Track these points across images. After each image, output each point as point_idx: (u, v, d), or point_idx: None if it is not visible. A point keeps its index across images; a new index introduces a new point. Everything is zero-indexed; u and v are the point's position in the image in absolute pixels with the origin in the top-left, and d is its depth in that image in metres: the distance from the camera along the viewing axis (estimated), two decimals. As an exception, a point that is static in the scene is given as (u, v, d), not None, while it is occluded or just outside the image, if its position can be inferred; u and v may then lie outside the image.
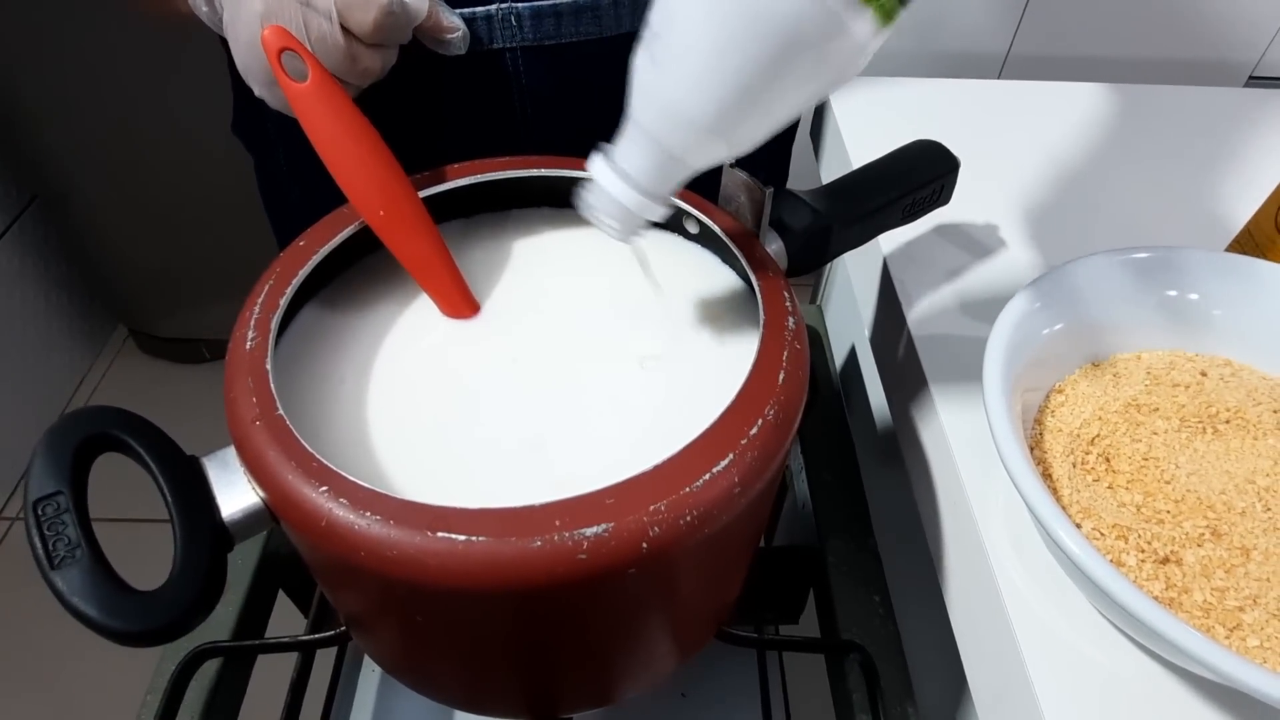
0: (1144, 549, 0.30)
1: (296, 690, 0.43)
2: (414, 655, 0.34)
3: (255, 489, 0.27)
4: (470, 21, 0.42)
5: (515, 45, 0.43)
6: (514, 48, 0.43)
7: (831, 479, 0.50)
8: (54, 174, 1.24)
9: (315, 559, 0.29)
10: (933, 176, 0.41)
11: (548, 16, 0.43)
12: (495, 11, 0.42)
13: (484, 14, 0.42)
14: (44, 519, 0.25)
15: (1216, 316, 0.35)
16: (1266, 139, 0.56)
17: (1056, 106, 0.58)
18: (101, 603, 0.24)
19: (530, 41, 0.43)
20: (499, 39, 0.43)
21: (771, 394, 0.28)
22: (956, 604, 0.37)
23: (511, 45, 0.43)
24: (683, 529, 0.25)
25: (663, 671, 0.36)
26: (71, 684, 1.09)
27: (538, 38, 0.43)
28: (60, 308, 1.43)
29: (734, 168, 0.35)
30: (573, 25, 0.43)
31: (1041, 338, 0.35)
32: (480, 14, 0.42)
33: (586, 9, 0.43)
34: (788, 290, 0.32)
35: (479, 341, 0.34)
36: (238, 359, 0.29)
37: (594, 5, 0.43)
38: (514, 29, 0.43)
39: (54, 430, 0.26)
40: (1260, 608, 0.28)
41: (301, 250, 0.33)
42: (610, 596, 0.27)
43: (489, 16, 0.42)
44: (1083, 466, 0.33)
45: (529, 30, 0.43)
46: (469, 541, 0.24)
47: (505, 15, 0.42)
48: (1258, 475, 0.31)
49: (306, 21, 0.34)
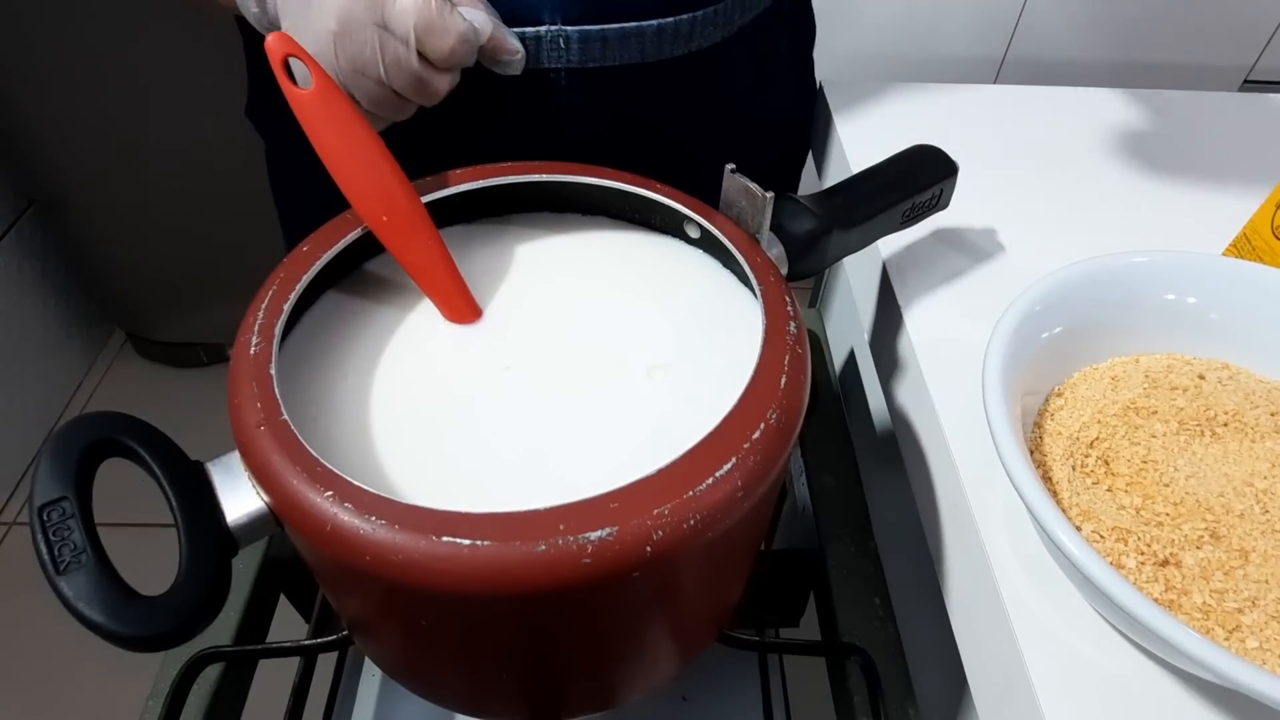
0: (1143, 551, 0.30)
1: (299, 695, 0.43)
2: (417, 659, 0.34)
3: (260, 494, 0.27)
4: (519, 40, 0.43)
5: (561, 66, 0.44)
6: (559, 68, 0.44)
7: (832, 482, 0.51)
8: (51, 179, 1.24)
9: (320, 564, 0.29)
10: (932, 181, 0.41)
11: (595, 41, 0.44)
12: (545, 33, 0.43)
13: (533, 34, 0.43)
14: (49, 524, 0.25)
15: (1214, 320, 0.36)
16: (1262, 142, 0.57)
17: (1054, 111, 0.59)
18: (107, 608, 0.24)
19: (576, 64, 0.44)
20: (546, 59, 0.44)
21: (774, 398, 0.28)
22: (957, 606, 0.37)
23: (558, 66, 0.44)
24: (686, 532, 0.25)
25: (665, 675, 0.36)
26: (73, 690, 1.09)
27: (584, 60, 0.44)
28: (58, 312, 1.42)
29: (736, 173, 0.35)
30: (618, 50, 0.44)
31: (1040, 341, 0.35)
32: (530, 34, 0.43)
33: (632, 35, 0.44)
34: (789, 294, 0.33)
35: (482, 346, 0.34)
36: (242, 364, 0.29)
37: (639, 32, 0.44)
38: (562, 51, 0.43)
39: (59, 436, 0.26)
40: (1259, 610, 0.28)
41: (305, 255, 0.33)
42: (614, 600, 0.27)
43: (538, 37, 0.43)
44: (1082, 469, 0.33)
45: (576, 53, 0.44)
46: (474, 546, 0.24)
47: (555, 37, 0.43)
48: (1256, 478, 0.31)
49: (382, 44, 0.34)
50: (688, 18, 0.45)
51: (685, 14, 0.44)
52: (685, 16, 0.44)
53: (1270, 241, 0.40)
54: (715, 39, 0.47)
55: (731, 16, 0.47)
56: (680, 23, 0.45)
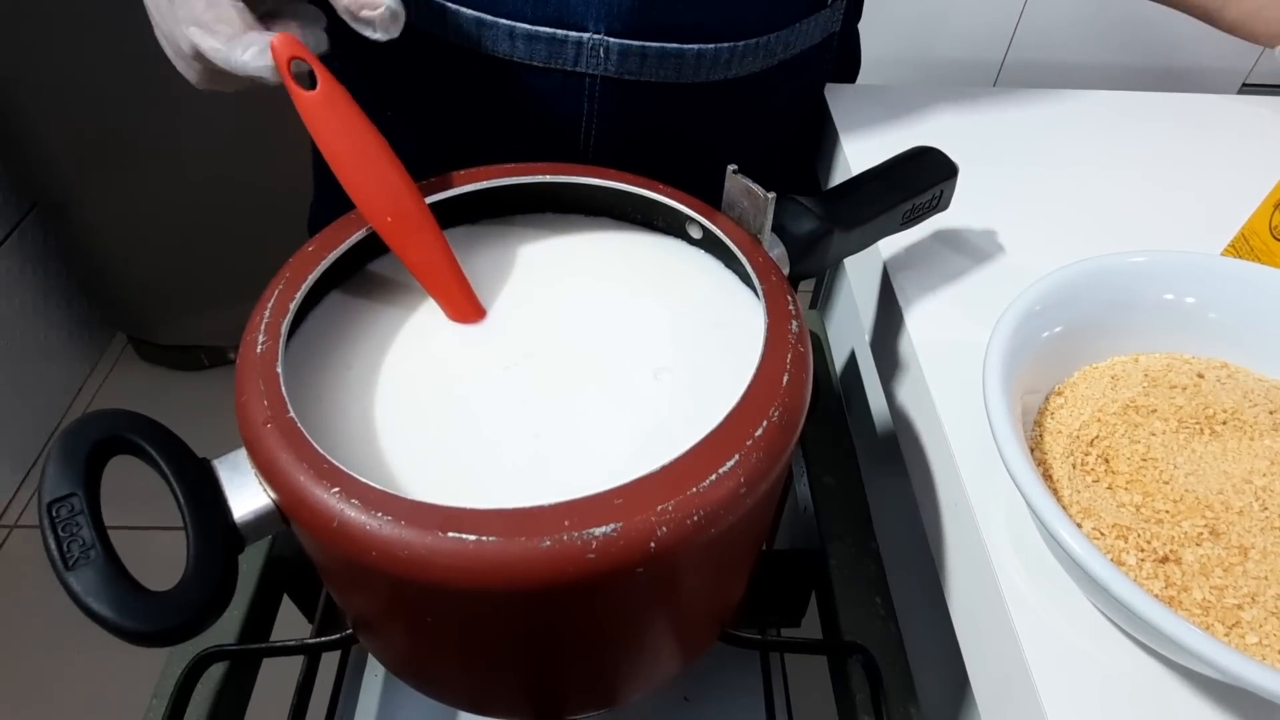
0: (1143, 548, 0.30)
1: (302, 694, 0.43)
2: (422, 656, 0.34)
3: (267, 491, 0.27)
4: (561, 43, 0.43)
5: (598, 74, 0.45)
6: (595, 75, 0.45)
7: (832, 483, 0.51)
8: (54, 182, 1.24)
9: (326, 560, 0.29)
10: (932, 182, 0.41)
11: (634, 55, 0.44)
12: (586, 40, 0.43)
13: (575, 39, 0.43)
14: (58, 521, 0.25)
15: (1212, 320, 0.36)
16: (1260, 144, 0.57)
17: (1054, 113, 0.59)
18: (116, 603, 0.24)
19: (612, 74, 0.45)
20: (584, 65, 0.44)
21: (776, 396, 0.28)
22: (958, 604, 0.37)
23: (594, 73, 0.45)
24: (690, 528, 0.25)
25: (668, 673, 0.36)
26: (76, 689, 1.09)
27: (620, 72, 0.45)
28: (60, 315, 1.43)
29: (738, 173, 0.35)
30: (656, 67, 0.45)
31: (1041, 341, 0.35)
32: (572, 38, 0.43)
33: (672, 56, 0.44)
34: (790, 294, 0.33)
35: (486, 346, 0.34)
36: (249, 363, 0.29)
37: (679, 53, 0.44)
38: (600, 59, 0.44)
39: (67, 433, 0.27)
40: (1259, 605, 0.28)
41: (311, 255, 0.33)
42: (618, 596, 0.28)
43: (580, 42, 0.43)
44: (1082, 467, 0.33)
45: (614, 63, 0.44)
46: (479, 541, 0.24)
47: (595, 46, 0.44)
48: (1255, 475, 0.31)
49: None
50: (728, 46, 0.45)
51: (726, 43, 0.45)
52: (726, 45, 0.45)
53: (1268, 242, 0.40)
54: (755, 69, 0.47)
55: (774, 50, 0.47)
56: (720, 50, 0.45)
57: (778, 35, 0.46)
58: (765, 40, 0.46)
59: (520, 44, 0.44)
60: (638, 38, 0.43)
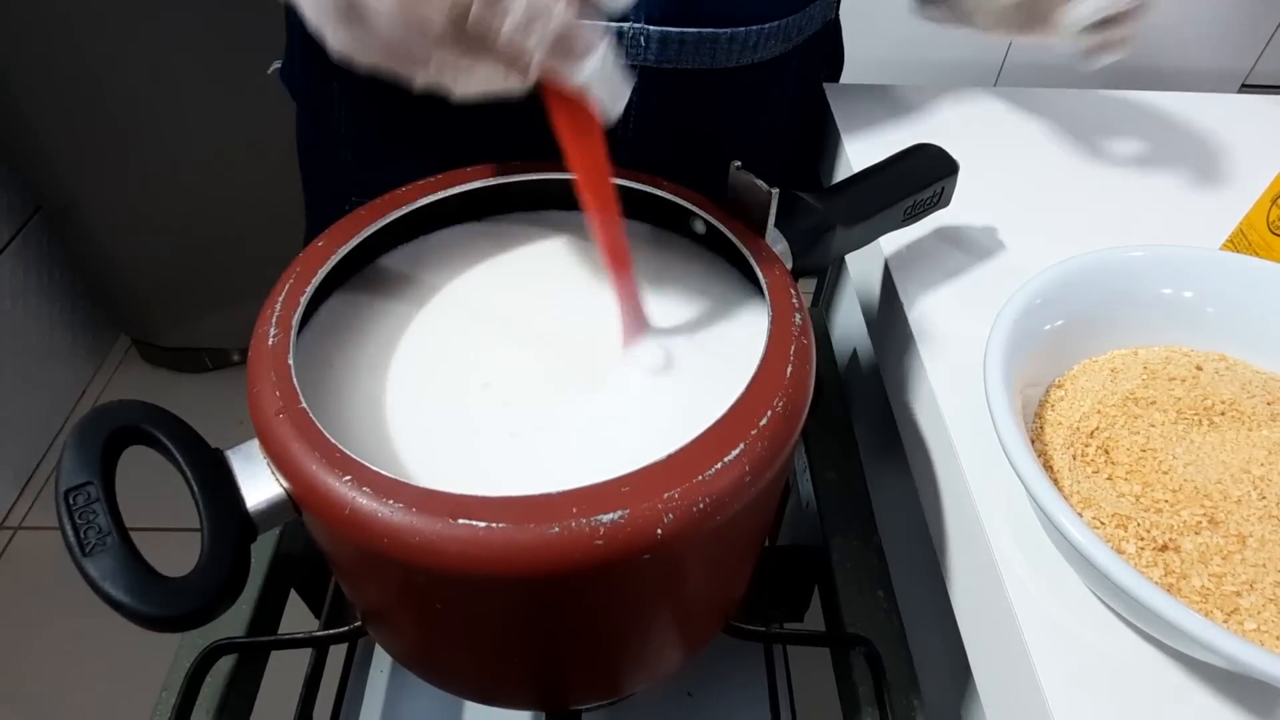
0: (1143, 537, 0.30)
1: (310, 685, 0.43)
2: (430, 645, 0.34)
3: (279, 480, 0.28)
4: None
5: (637, 64, 0.45)
6: (635, 65, 0.45)
7: (835, 477, 0.51)
8: (58, 186, 1.25)
9: (337, 549, 0.29)
10: (933, 179, 0.42)
11: (673, 43, 0.45)
12: (626, 30, 0.44)
13: (615, 29, 0.44)
14: (75, 508, 0.25)
15: (1210, 313, 0.36)
16: (1259, 141, 0.57)
17: (1054, 111, 0.59)
18: (132, 588, 0.25)
19: (652, 63, 0.45)
20: (625, 55, 0.45)
21: (780, 386, 0.29)
22: (960, 596, 0.37)
23: (634, 64, 0.45)
24: (696, 516, 0.26)
25: (672, 664, 0.36)
26: (89, 681, 1.11)
27: (660, 60, 0.45)
28: (63, 318, 1.43)
29: (741, 169, 0.36)
30: (693, 53, 0.46)
31: (1041, 334, 0.36)
32: (612, 29, 0.44)
33: (707, 41, 0.45)
34: (793, 287, 0.33)
35: (494, 338, 0.35)
36: (261, 354, 0.30)
37: (714, 38, 0.45)
38: (640, 48, 0.44)
39: (83, 422, 0.27)
40: (1257, 592, 0.28)
41: (321, 250, 0.33)
42: (625, 583, 0.28)
43: (620, 32, 0.44)
44: (1082, 458, 0.33)
45: (654, 52, 0.45)
46: (489, 528, 0.25)
47: (635, 35, 0.44)
48: (1253, 465, 0.32)
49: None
50: (756, 30, 0.46)
51: (755, 25, 0.46)
52: (755, 28, 0.46)
53: (1266, 236, 0.40)
54: (776, 52, 0.49)
55: (790, 33, 0.49)
56: (750, 34, 0.46)
57: (793, 19, 0.48)
58: (784, 23, 0.48)
59: None
60: (676, 24, 0.44)
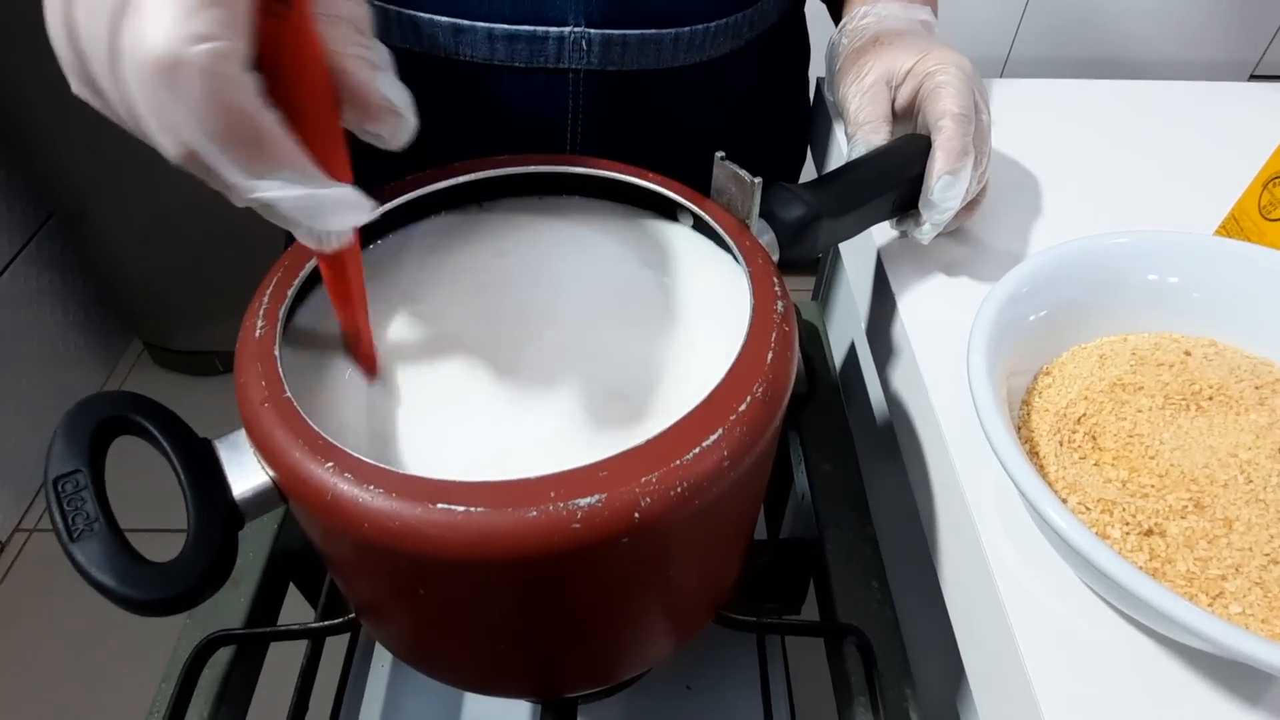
0: (1129, 522, 0.30)
1: (306, 677, 0.44)
2: (418, 634, 0.35)
3: (264, 468, 0.28)
4: (542, 40, 0.44)
5: (580, 68, 0.45)
6: (579, 70, 0.45)
7: (830, 470, 0.51)
8: (70, 191, 1.27)
9: (322, 536, 0.30)
10: (923, 169, 0.42)
11: (616, 45, 0.45)
12: (568, 35, 0.44)
13: (556, 34, 0.44)
14: (63, 495, 0.26)
15: (1198, 298, 0.36)
16: (1268, 130, 0.57)
17: (1054, 101, 0.59)
18: (118, 572, 0.25)
19: (596, 66, 0.45)
20: (567, 60, 0.45)
21: (760, 372, 0.29)
22: (951, 586, 0.37)
23: (577, 67, 0.45)
24: (673, 500, 0.26)
25: (662, 652, 0.37)
26: (89, 673, 1.13)
27: (603, 64, 0.45)
28: (76, 322, 1.45)
29: (725, 160, 0.36)
30: (636, 55, 0.45)
31: (1028, 322, 0.36)
32: (553, 34, 0.44)
33: (650, 42, 0.45)
34: (777, 275, 0.33)
35: (479, 326, 0.35)
36: (247, 346, 0.30)
37: (657, 39, 0.45)
38: (583, 52, 0.44)
39: (73, 412, 0.28)
40: (1242, 576, 0.28)
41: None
42: (605, 567, 0.28)
43: (561, 37, 0.44)
44: (1069, 444, 0.33)
45: (597, 56, 0.45)
46: (468, 512, 0.25)
47: (577, 39, 0.44)
48: (1240, 449, 0.31)
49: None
50: (702, 28, 0.46)
51: (700, 25, 0.46)
52: (700, 27, 0.46)
53: (1258, 222, 0.40)
54: (725, 50, 0.48)
55: (741, 30, 0.48)
56: (695, 33, 0.46)
57: (744, 15, 0.48)
58: (733, 20, 0.47)
59: (500, 46, 0.44)
60: (617, 26, 0.44)
